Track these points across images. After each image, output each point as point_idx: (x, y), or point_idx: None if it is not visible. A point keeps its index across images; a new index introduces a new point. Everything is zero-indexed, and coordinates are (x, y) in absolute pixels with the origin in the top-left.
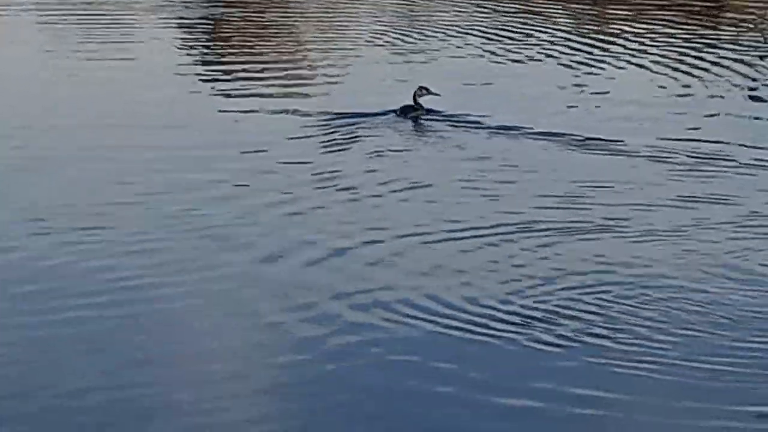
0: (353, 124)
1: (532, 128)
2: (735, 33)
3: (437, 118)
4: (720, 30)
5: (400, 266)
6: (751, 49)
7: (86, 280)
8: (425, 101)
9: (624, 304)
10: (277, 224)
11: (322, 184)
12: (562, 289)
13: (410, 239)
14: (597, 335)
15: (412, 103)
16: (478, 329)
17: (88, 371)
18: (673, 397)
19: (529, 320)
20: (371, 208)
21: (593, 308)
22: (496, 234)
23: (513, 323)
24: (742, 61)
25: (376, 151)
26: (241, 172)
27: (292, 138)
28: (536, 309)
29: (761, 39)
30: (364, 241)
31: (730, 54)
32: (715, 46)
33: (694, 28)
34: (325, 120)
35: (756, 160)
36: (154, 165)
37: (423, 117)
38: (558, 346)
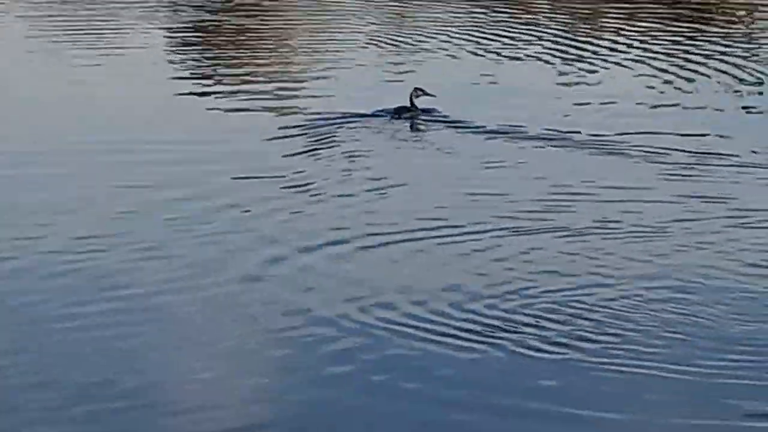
0: (346, 125)
1: (527, 128)
2: (728, 30)
3: (432, 118)
4: (713, 26)
5: (385, 271)
6: (758, 46)
7: (63, 288)
8: (420, 102)
9: (616, 307)
10: (252, 227)
11: (306, 186)
12: (553, 291)
13: (394, 238)
14: (589, 339)
15: (407, 104)
16: (468, 336)
17: (85, 377)
18: (668, 402)
19: (517, 325)
20: (356, 208)
21: (584, 311)
22: (484, 232)
23: (502, 329)
24: (736, 56)
25: (365, 153)
26: (221, 173)
27: (281, 138)
28: (524, 313)
29: (752, 35)
30: (353, 238)
31: (724, 49)
32: (710, 41)
33: (689, 25)
34: (316, 120)
35: (754, 154)
36: (124, 165)
37: (418, 118)
38: (549, 351)
